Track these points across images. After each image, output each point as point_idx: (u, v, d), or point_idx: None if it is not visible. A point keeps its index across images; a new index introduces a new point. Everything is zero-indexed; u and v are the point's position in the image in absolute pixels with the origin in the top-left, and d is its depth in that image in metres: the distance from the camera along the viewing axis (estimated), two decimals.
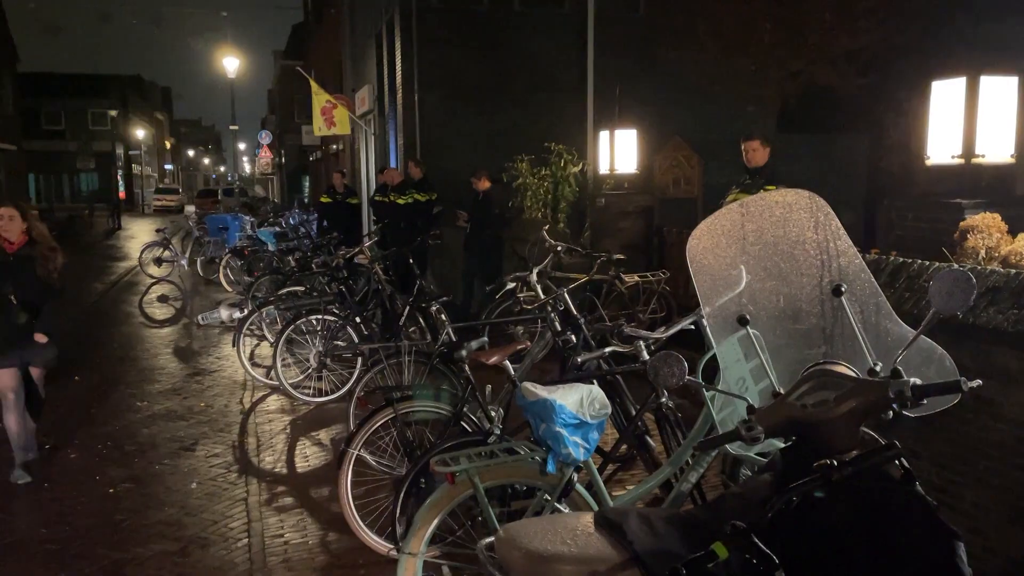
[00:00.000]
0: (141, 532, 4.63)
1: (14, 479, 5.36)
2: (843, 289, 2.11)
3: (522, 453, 3.25)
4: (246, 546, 4.41)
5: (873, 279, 2.14)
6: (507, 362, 3.85)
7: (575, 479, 3.08)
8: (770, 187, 5.48)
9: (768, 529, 1.70)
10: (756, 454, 2.89)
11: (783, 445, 2.05)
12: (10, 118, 33.65)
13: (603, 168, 9.24)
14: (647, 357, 3.58)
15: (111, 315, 12.51)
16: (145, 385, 8.03)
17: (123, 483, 5.43)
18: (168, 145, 75.62)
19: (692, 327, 3.55)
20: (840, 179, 11.98)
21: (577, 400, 3.01)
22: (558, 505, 3.11)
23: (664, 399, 3.79)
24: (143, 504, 5.06)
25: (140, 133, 56.31)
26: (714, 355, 2.43)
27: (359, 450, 4.17)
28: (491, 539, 2.64)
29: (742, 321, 2.27)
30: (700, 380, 2.50)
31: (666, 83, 11.87)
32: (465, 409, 4.10)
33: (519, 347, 4.16)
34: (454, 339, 5.15)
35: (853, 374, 1.96)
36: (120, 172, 49.61)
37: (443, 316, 5.36)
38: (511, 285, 5.61)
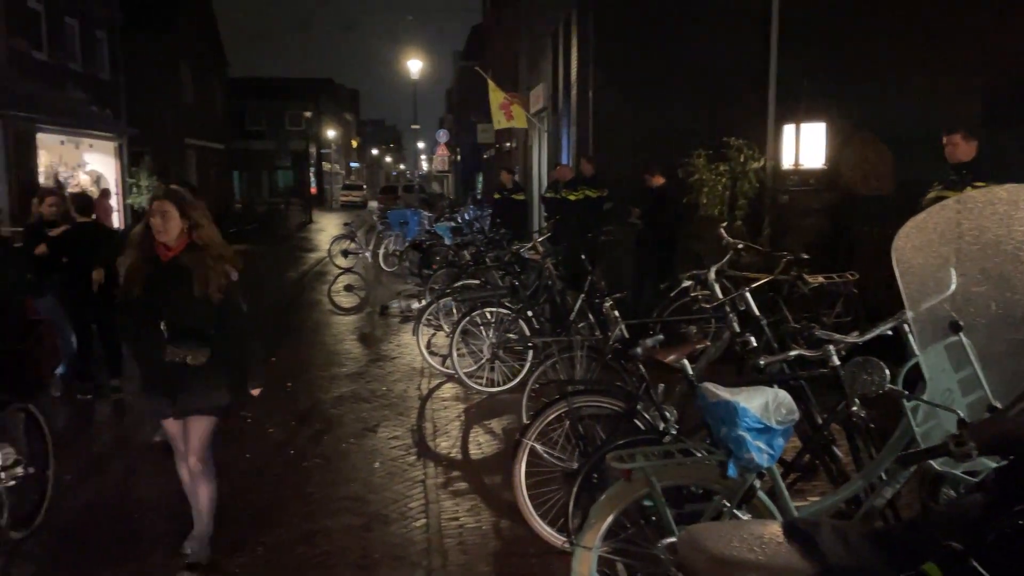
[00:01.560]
0: (329, 505, 4.96)
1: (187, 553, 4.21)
2: None
3: (700, 455, 3.18)
4: (424, 526, 4.61)
5: None
6: (685, 361, 3.77)
7: (757, 486, 2.97)
8: (979, 184, 5.01)
9: (986, 553, 1.57)
10: (963, 472, 2.66)
11: (996, 464, 1.87)
12: (219, 120, 37.03)
13: (786, 163, 8.82)
14: (837, 362, 3.38)
15: (303, 302, 13.48)
16: (333, 368, 8.58)
17: (314, 458, 5.83)
18: (355, 144, 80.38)
19: (890, 332, 3.32)
20: None
21: (762, 404, 2.89)
22: (736, 512, 3.02)
23: (855, 407, 3.56)
24: (331, 479, 5.41)
25: (330, 133, 60.21)
26: (915, 363, 2.26)
27: (533, 441, 4.24)
28: (672, 539, 2.61)
29: (955, 327, 2.10)
30: (901, 389, 2.33)
31: (855, 73, 11.15)
32: (639, 407, 4.07)
33: (698, 346, 4.06)
34: (626, 336, 5.11)
35: None
36: (312, 169, 53.25)
37: (616, 313, 5.33)
38: (687, 283, 5.49)
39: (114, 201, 19.65)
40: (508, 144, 24.70)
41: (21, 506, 4.38)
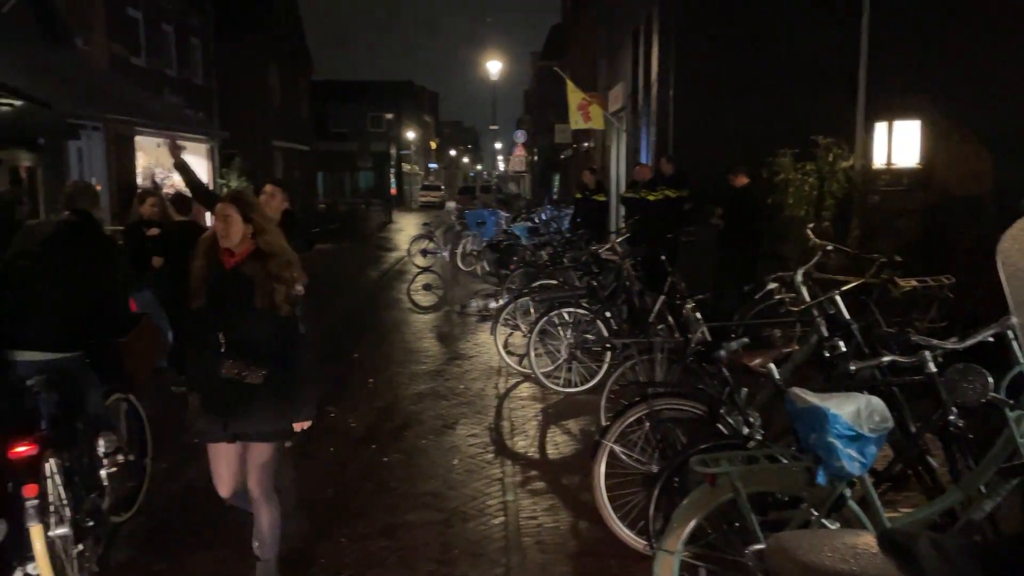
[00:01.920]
0: (410, 500, 5.04)
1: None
2: None
3: (787, 461, 3.11)
4: (502, 524, 4.64)
5: None
6: (772, 365, 3.69)
7: (848, 494, 2.88)
8: None
9: None
10: None
11: None
12: (305, 122, 38.07)
13: (877, 162, 8.52)
14: (934, 369, 3.25)
15: (383, 300, 13.75)
16: (412, 365, 8.72)
17: (394, 453, 5.94)
18: (433, 145, 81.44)
19: (991, 339, 3.17)
20: None
21: (854, 411, 2.80)
22: (825, 521, 2.93)
23: (952, 416, 3.42)
24: (411, 474, 5.50)
25: (410, 134, 61.20)
26: (1020, 372, 2.15)
27: (612, 443, 4.22)
28: (760, 546, 2.56)
29: None
30: (1005, 398, 2.22)
31: (953, 67, 10.67)
32: (722, 411, 4.00)
33: (785, 350, 3.97)
34: (708, 338, 5.03)
35: None
36: (392, 170, 54.19)
37: (697, 315, 5.25)
38: (772, 285, 5.36)
39: None
40: (586, 144, 24.62)
41: (121, 492, 4.60)
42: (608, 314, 7.42)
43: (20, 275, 4.00)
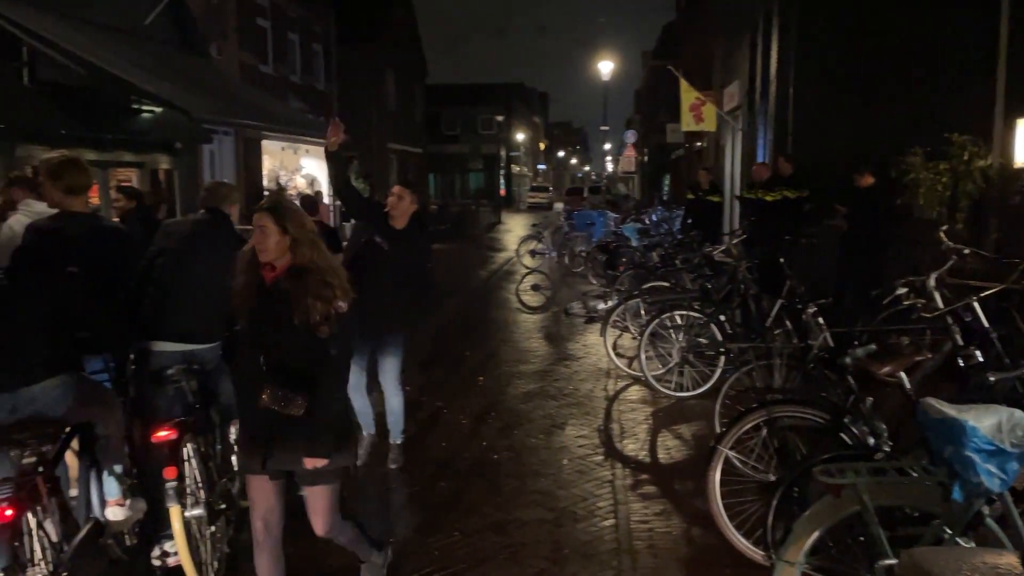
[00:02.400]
0: (520, 497, 5.09)
1: None
2: None
3: (918, 475, 2.96)
4: (613, 526, 4.62)
5: None
6: (902, 374, 3.51)
7: (986, 512, 2.71)
8: None
9: None
10: None
11: None
12: (418, 125, 39.06)
13: (1019, 160, 7.94)
14: None
15: (492, 300, 13.92)
16: (521, 365, 8.79)
17: (504, 451, 6.01)
18: (542, 147, 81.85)
19: None
20: None
21: (994, 424, 2.64)
22: (959, 539, 2.77)
23: None
24: (521, 472, 5.55)
25: (520, 136, 61.72)
26: None
27: (728, 449, 4.12)
28: (890, 562, 2.45)
29: None
30: None
31: None
32: (846, 420, 3.84)
33: (918, 359, 3.77)
34: (831, 344, 4.84)
35: None
36: (502, 172, 54.86)
37: (820, 319, 5.05)
38: (901, 291, 5.09)
39: (327, 202, 21.28)
40: (699, 144, 24.13)
41: None
42: (722, 317, 7.26)
43: (160, 272, 4.28)
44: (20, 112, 9.94)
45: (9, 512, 2.97)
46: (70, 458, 3.99)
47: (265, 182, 19.02)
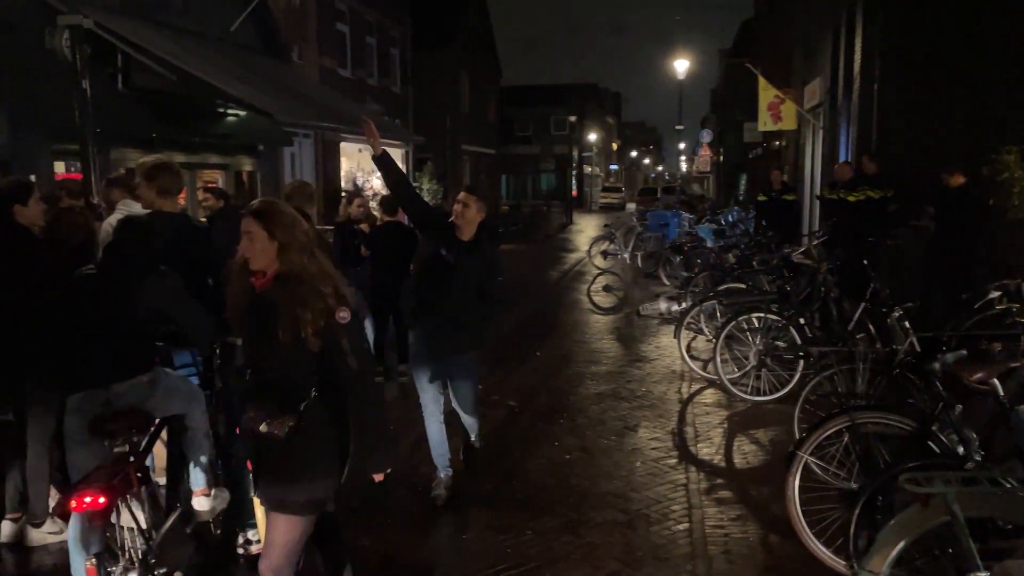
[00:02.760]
0: (592, 499, 5.07)
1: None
2: None
3: (1012, 486, 2.83)
4: (687, 530, 4.56)
5: None
6: (995, 381, 3.37)
7: None
8: None
9: None
10: None
11: None
12: (491, 127, 39.30)
13: None
14: None
15: (563, 300, 13.90)
16: (592, 366, 8.75)
17: (576, 451, 5.99)
18: (615, 147, 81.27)
19: None
20: None
21: None
22: None
23: None
24: (593, 473, 5.53)
25: (592, 136, 61.42)
26: None
27: (808, 455, 4.02)
28: (981, 575, 2.35)
29: None
30: None
31: None
32: (934, 427, 3.70)
33: (1012, 365, 3.61)
34: (918, 349, 4.67)
35: None
36: (574, 172, 54.68)
37: (906, 323, 4.89)
38: (994, 295, 4.88)
39: None
40: (777, 143, 23.57)
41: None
42: (802, 320, 7.08)
43: None
44: (115, 117, 10.43)
45: (102, 500, 3.10)
46: (158, 448, 4.16)
47: (343, 183, 19.46)
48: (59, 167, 10.81)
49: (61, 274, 3.79)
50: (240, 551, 4.22)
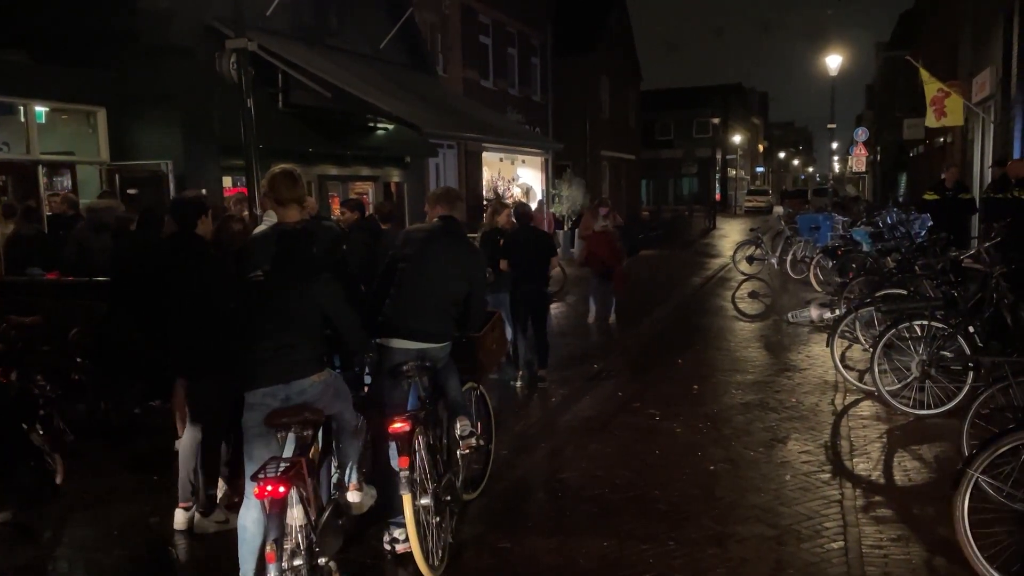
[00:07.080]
0: (739, 512, 4.90)
1: None
2: None
3: None
4: (842, 549, 4.32)
5: None
6: None
7: None
8: None
9: None
10: None
11: None
12: (632, 132, 38.93)
13: None
14: None
15: (706, 307, 13.54)
16: (737, 375, 8.47)
17: (721, 463, 5.81)
18: (761, 148, 78.43)
19: None
20: None
21: None
22: None
23: None
24: (740, 485, 5.34)
25: (736, 138, 59.56)
26: None
27: (980, 473, 3.71)
28: None
29: None
30: None
31: None
32: None
33: None
34: None
35: None
36: (717, 175, 53.27)
37: None
38: None
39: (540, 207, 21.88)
40: (941, 139, 21.99)
41: (468, 473, 5.08)
42: (971, 329, 6.55)
43: (402, 275, 4.58)
44: (275, 133, 11.16)
45: (282, 489, 3.31)
46: None
47: (484, 192, 19.89)
48: (227, 181, 11.68)
49: (226, 278, 4.06)
50: (387, 547, 4.38)
